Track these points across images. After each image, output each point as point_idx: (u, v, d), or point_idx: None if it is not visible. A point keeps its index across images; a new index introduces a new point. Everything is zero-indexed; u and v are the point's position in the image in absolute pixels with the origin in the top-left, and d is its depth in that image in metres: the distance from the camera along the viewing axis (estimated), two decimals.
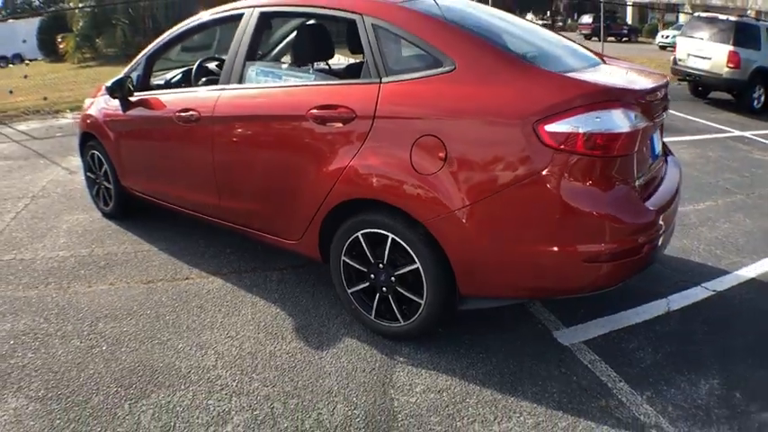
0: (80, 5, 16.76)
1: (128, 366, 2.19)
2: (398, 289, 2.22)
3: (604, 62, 2.62)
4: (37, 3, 38.80)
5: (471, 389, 2.06)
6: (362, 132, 2.14)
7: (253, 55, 2.70)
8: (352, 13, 2.30)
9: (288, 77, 2.59)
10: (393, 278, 2.21)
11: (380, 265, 2.23)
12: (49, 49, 19.73)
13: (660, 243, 2.13)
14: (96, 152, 3.58)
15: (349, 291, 2.39)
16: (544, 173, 1.84)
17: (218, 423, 1.89)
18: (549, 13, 40.53)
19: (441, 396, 2.02)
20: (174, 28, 3.19)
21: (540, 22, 39.56)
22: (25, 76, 10.87)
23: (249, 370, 2.17)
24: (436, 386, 2.08)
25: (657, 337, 2.43)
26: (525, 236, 1.94)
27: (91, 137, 3.60)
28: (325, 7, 2.46)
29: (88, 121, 3.60)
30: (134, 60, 3.38)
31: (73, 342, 2.36)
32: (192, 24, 3.09)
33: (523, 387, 2.08)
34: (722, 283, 2.93)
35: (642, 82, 2.28)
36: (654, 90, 2.19)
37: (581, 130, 1.80)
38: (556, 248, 1.90)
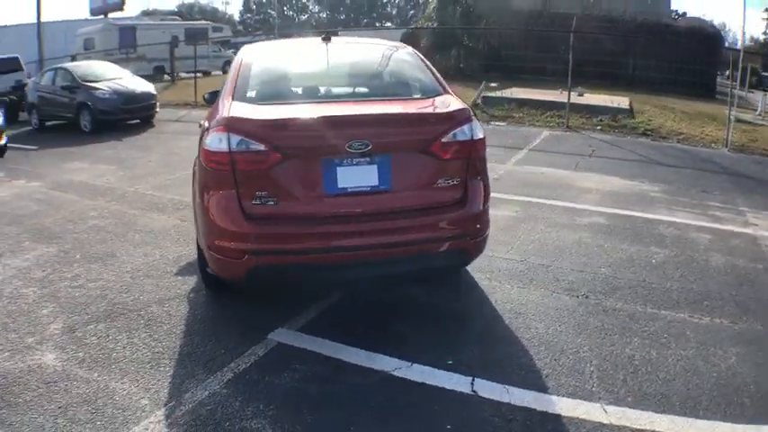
0: (426, 25, 20.48)
1: (92, 252, 4.11)
2: None
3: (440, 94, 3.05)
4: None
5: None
6: None
7: None
8: None
9: None
10: None
11: None
12: None
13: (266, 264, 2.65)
14: None
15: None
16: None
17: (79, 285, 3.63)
18: None
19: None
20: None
21: None
22: None
23: (129, 280, 3.74)
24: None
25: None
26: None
27: None
28: None
29: None
30: None
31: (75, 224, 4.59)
32: None
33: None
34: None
35: (327, 115, 2.72)
36: (321, 124, 2.64)
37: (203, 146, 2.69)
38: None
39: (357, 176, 2.61)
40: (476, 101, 11.65)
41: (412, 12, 21.05)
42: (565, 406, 2.40)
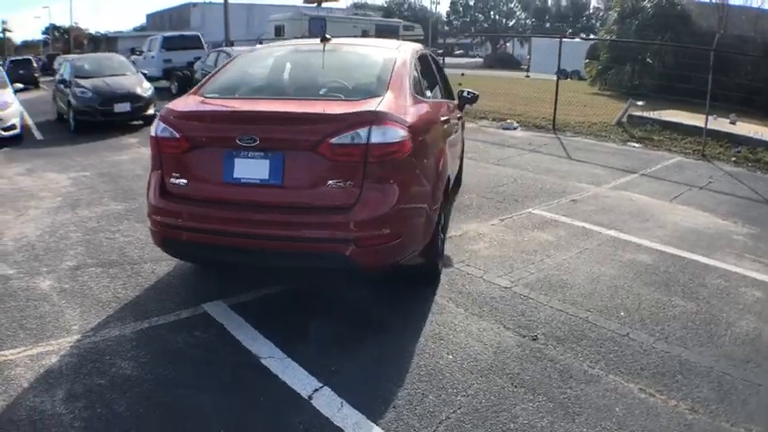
0: (606, 37, 18.71)
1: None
2: None
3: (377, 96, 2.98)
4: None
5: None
6: None
7: None
8: None
9: None
10: None
11: None
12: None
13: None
14: None
15: None
16: None
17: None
18: None
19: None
20: None
21: None
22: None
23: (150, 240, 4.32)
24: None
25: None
26: None
27: None
28: None
29: None
30: None
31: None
32: None
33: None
34: None
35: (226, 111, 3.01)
36: (217, 118, 2.94)
37: None
38: None
39: (251, 169, 2.82)
40: (620, 120, 10.43)
41: (614, 26, 19.63)
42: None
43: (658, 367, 2.71)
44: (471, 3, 63.22)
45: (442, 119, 3.78)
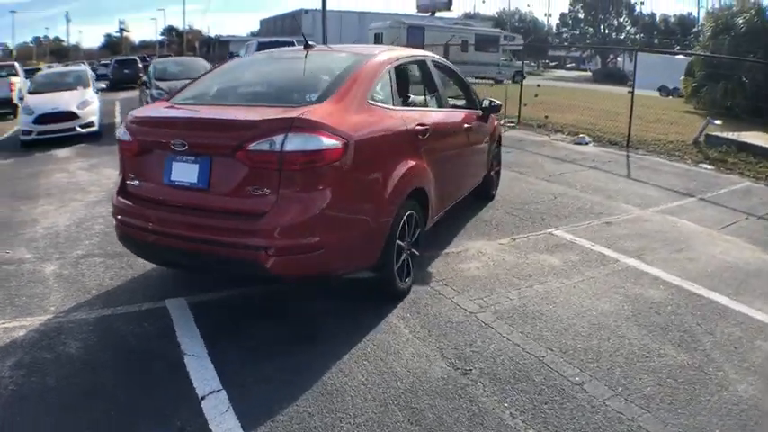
0: (699, 53, 16.71)
1: None
2: None
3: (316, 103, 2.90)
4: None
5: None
6: None
7: None
8: None
9: None
10: None
11: None
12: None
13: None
14: None
15: None
16: None
17: None
18: None
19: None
20: None
21: None
22: None
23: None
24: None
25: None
26: None
27: None
28: None
29: None
30: None
31: None
32: None
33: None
34: None
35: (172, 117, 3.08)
36: (158, 123, 3.01)
37: None
38: None
39: (183, 172, 2.91)
40: (696, 139, 9.28)
41: (708, 42, 17.88)
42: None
43: (597, 431, 2.29)
44: (581, 16, 60.50)
45: (419, 128, 3.52)
